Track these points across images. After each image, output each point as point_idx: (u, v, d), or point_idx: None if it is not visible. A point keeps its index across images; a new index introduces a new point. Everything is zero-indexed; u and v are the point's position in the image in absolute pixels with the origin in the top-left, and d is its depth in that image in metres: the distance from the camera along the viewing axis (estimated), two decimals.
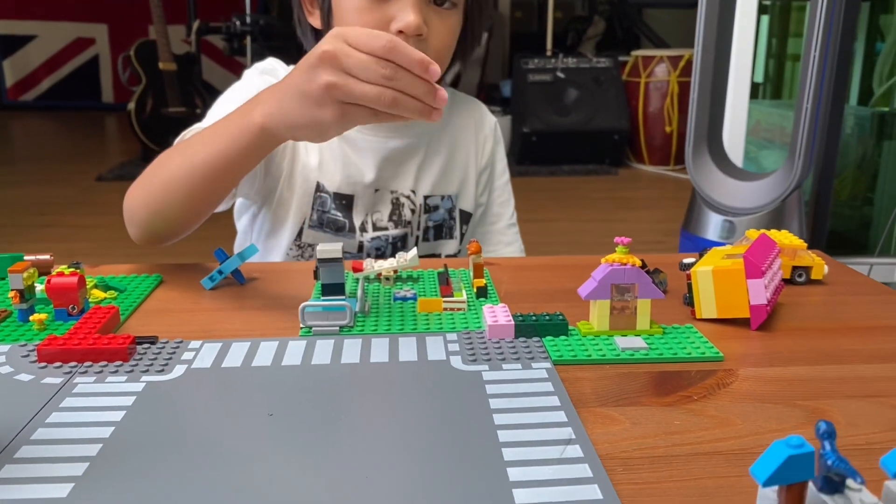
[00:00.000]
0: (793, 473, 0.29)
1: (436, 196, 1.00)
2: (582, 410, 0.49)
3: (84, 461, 0.43)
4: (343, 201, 0.96)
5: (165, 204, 0.77)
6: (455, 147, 1.02)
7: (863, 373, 0.55)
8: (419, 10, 0.84)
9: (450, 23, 0.89)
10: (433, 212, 1.00)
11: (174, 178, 0.75)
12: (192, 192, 0.75)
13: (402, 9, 0.84)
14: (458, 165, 1.03)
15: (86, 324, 0.60)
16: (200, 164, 0.73)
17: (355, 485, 0.40)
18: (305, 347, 0.59)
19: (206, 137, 0.74)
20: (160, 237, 0.81)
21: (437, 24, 0.87)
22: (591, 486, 0.40)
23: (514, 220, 1.10)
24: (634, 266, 0.59)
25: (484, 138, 1.06)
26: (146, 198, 0.78)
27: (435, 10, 0.87)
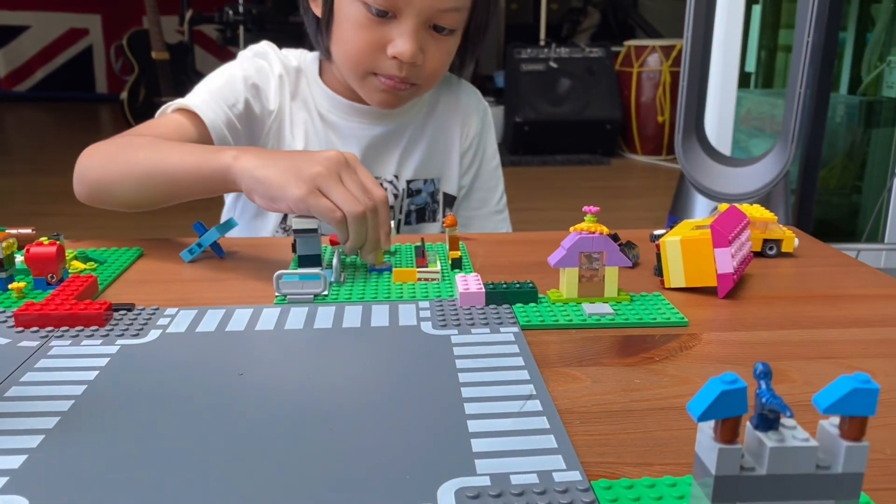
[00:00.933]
0: (727, 408, 0.30)
1: (418, 180, 1.01)
2: (545, 370, 0.50)
3: (55, 416, 0.44)
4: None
5: (118, 185, 0.80)
6: (439, 131, 1.03)
7: (824, 337, 0.57)
8: (416, 38, 0.85)
9: (446, 47, 0.90)
10: (415, 196, 1.01)
11: (135, 167, 0.78)
12: (146, 188, 0.78)
13: (400, 34, 0.85)
14: (441, 149, 1.03)
15: (63, 291, 0.61)
16: (163, 168, 0.77)
17: (321, 438, 0.41)
18: (279, 314, 0.60)
19: (180, 148, 0.77)
20: (102, 204, 0.83)
21: (433, 49, 0.88)
22: (548, 436, 0.41)
23: (501, 207, 1.10)
24: (602, 234, 0.61)
25: (469, 121, 1.06)
26: (102, 169, 0.81)
27: (432, 36, 0.87)
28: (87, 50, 6.45)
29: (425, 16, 0.85)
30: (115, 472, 0.38)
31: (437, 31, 0.87)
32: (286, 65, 0.97)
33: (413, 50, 0.84)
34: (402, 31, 0.84)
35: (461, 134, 1.05)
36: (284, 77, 0.95)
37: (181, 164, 0.75)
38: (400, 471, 0.38)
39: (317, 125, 0.96)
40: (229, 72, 0.94)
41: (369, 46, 0.86)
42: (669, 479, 0.37)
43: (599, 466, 0.39)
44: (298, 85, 0.97)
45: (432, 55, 0.88)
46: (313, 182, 0.66)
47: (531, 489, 0.36)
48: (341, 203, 0.66)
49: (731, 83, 2.55)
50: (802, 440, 0.31)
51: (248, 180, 0.69)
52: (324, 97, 0.97)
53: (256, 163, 0.69)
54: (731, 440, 0.31)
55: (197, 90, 0.92)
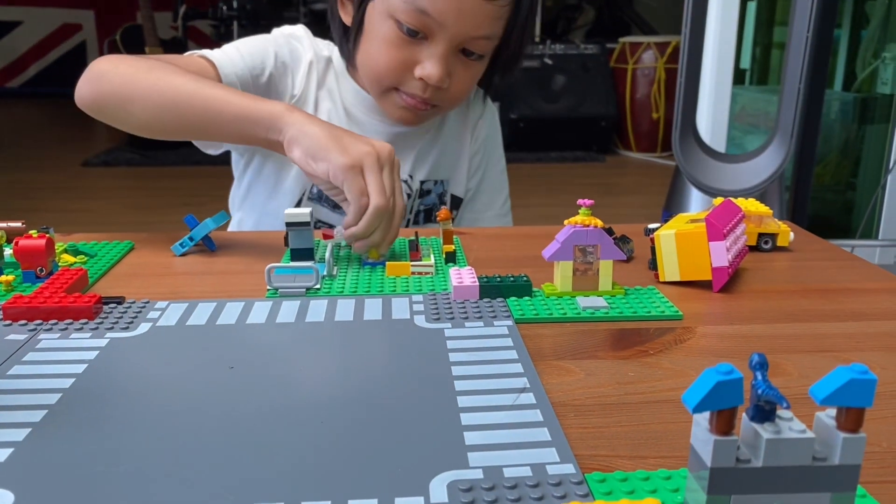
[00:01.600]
0: (722, 399, 0.30)
1: (430, 181, 1.01)
2: (539, 364, 0.49)
3: (42, 409, 0.43)
4: None
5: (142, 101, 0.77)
6: (451, 134, 1.03)
7: (819, 330, 0.56)
8: (446, 62, 0.84)
9: (473, 72, 0.89)
10: (426, 196, 1.01)
11: (169, 89, 0.76)
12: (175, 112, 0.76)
13: (429, 57, 0.84)
14: (453, 151, 1.03)
15: (52, 284, 0.60)
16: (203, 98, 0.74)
17: (312, 431, 0.41)
18: (271, 307, 0.59)
19: (223, 87, 0.76)
20: (109, 115, 0.81)
21: (461, 73, 0.87)
22: (541, 429, 0.41)
23: (505, 210, 1.10)
24: (597, 227, 0.60)
25: (479, 125, 1.06)
26: (126, 78, 0.78)
27: (461, 60, 0.87)
28: (81, 45, 6.42)
29: (457, 41, 0.84)
30: (102, 465, 0.38)
31: (466, 56, 0.86)
32: (318, 53, 0.96)
33: (441, 74, 0.84)
34: (431, 53, 0.84)
35: (472, 137, 1.05)
36: (314, 64, 0.94)
37: (226, 99, 0.74)
38: (392, 464, 0.38)
39: (341, 117, 0.96)
40: (264, 42, 0.92)
41: (397, 65, 0.86)
42: (664, 472, 0.37)
43: (593, 459, 0.39)
44: (326, 75, 0.96)
45: (458, 79, 0.88)
46: (360, 159, 0.66)
47: (524, 482, 0.36)
48: (373, 191, 0.66)
49: (727, 80, 2.55)
50: (799, 432, 0.30)
51: (295, 132, 0.69)
52: (350, 91, 0.96)
53: (309, 119, 0.70)
54: (726, 432, 0.30)
55: (227, 47, 0.90)
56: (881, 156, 2.46)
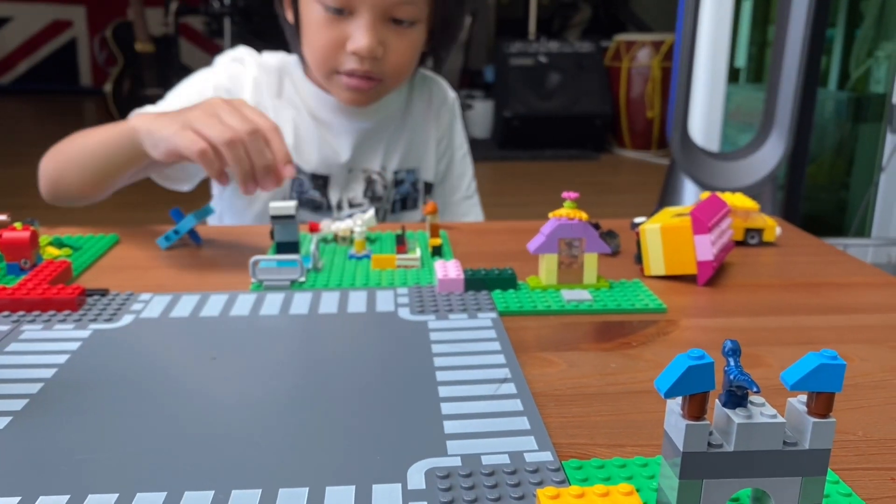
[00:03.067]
0: (693, 384, 0.30)
1: (402, 171, 1.02)
2: (522, 355, 0.50)
3: (24, 398, 0.43)
4: (320, 181, 0.97)
5: (64, 175, 0.83)
6: (416, 123, 1.04)
7: (802, 323, 0.57)
8: (374, 31, 0.85)
9: (409, 39, 0.89)
10: (400, 185, 1.02)
11: (72, 155, 0.83)
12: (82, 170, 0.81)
13: (357, 29, 0.85)
14: (420, 139, 1.04)
15: (36, 276, 0.60)
16: (90, 148, 0.80)
17: (292, 420, 0.41)
18: (255, 300, 0.59)
19: (102, 127, 0.80)
20: (59, 198, 0.86)
21: (395, 42, 0.88)
22: (521, 418, 0.41)
23: (471, 192, 1.11)
24: (581, 220, 0.60)
25: (441, 112, 1.07)
26: (52, 164, 0.85)
27: (393, 29, 0.87)
28: (71, 42, 6.39)
29: (380, 9, 0.85)
30: (82, 452, 0.38)
31: (397, 24, 0.87)
32: (265, 67, 0.97)
33: (370, 43, 0.85)
34: (359, 25, 0.85)
35: (436, 123, 1.06)
36: (261, 79, 0.96)
37: (100, 139, 0.79)
38: (370, 451, 0.38)
39: (307, 122, 0.96)
40: (202, 79, 0.95)
41: (330, 44, 0.87)
42: (640, 460, 0.37)
43: (571, 447, 0.39)
44: (282, 85, 0.98)
45: (394, 48, 0.88)
46: (187, 123, 0.66)
47: (501, 469, 0.36)
48: (210, 135, 0.65)
49: (721, 78, 2.55)
50: (770, 417, 0.30)
51: (143, 135, 0.71)
52: (312, 96, 0.97)
53: (152, 118, 0.71)
54: (698, 417, 0.30)
55: (169, 97, 0.93)
56: (874, 155, 2.47)
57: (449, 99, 1.08)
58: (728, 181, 2.13)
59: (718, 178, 2.14)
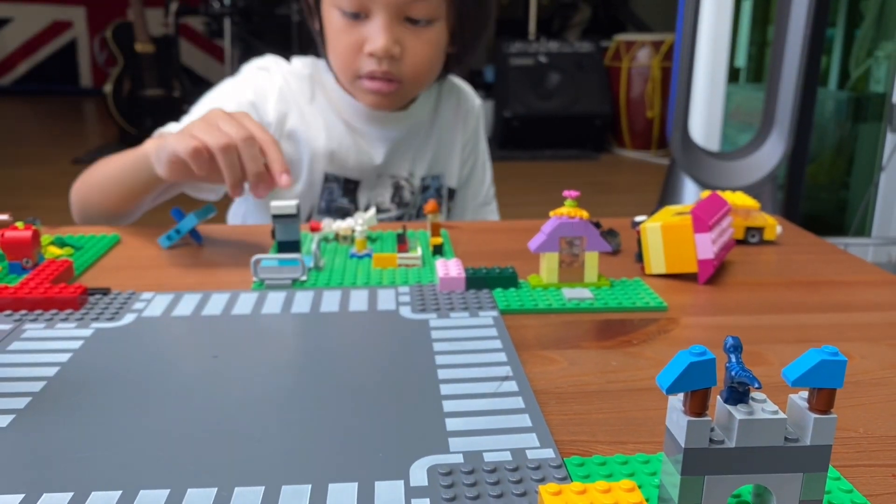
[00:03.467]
0: (695, 380, 0.30)
1: (428, 177, 1.03)
2: (523, 353, 0.50)
3: (27, 396, 0.43)
4: (351, 185, 0.98)
5: (89, 200, 0.86)
6: (444, 130, 1.04)
7: (802, 321, 0.57)
8: (390, 31, 0.85)
9: (427, 38, 0.89)
10: (426, 191, 1.03)
11: (97, 181, 0.85)
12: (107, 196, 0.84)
13: (373, 30, 0.86)
14: (446, 146, 1.05)
15: (38, 275, 0.60)
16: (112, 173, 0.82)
17: (294, 418, 0.41)
18: (256, 299, 0.59)
19: (122, 154, 0.82)
20: (89, 220, 0.88)
21: (412, 42, 0.88)
22: (523, 415, 0.41)
23: (489, 198, 1.13)
24: (582, 219, 0.60)
25: (468, 117, 1.08)
26: (80, 189, 0.87)
27: (410, 29, 0.88)
28: (71, 43, 6.39)
29: (394, 9, 0.85)
30: (84, 451, 0.38)
31: (414, 24, 0.87)
32: (295, 74, 0.97)
33: (385, 43, 0.85)
34: (374, 27, 0.86)
35: (462, 132, 1.07)
36: (290, 86, 0.96)
37: (119, 165, 0.81)
38: (372, 449, 0.38)
39: (340, 129, 0.97)
40: (226, 92, 0.95)
41: (350, 49, 0.88)
42: (642, 457, 0.37)
43: (573, 445, 0.39)
44: (314, 91, 0.98)
45: (411, 47, 0.88)
46: (188, 131, 0.68)
47: (503, 466, 0.36)
48: (206, 139, 0.66)
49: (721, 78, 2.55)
50: (771, 413, 0.31)
51: (152, 155, 0.72)
52: (344, 103, 0.97)
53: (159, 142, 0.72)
54: (700, 413, 0.30)
55: (193, 111, 0.92)
56: (874, 154, 2.47)
57: (476, 106, 1.09)
58: (728, 181, 2.13)
59: (718, 177, 2.15)
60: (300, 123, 0.95)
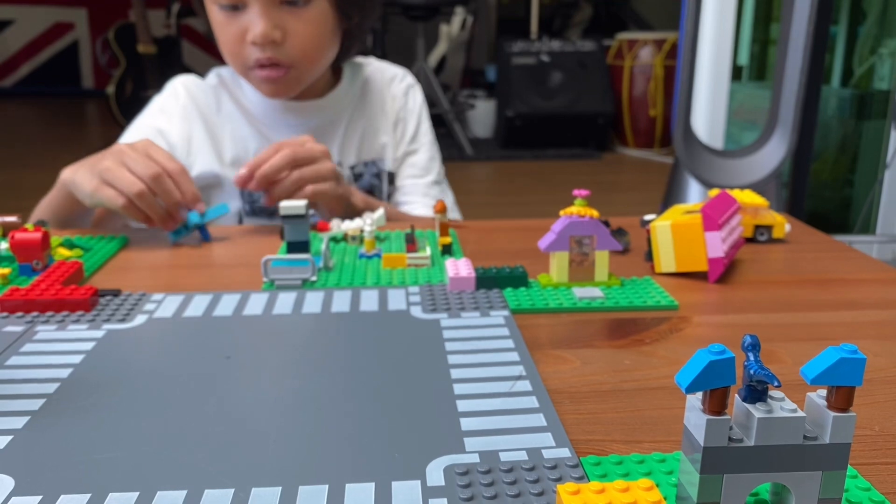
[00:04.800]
0: (715, 379, 0.30)
1: (360, 164, 1.02)
2: (535, 353, 0.50)
3: (41, 398, 0.44)
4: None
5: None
6: (371, 114, 1.04)
7: (814, 319, 0.57)
8: (268, 17, 0.86)
9: (308, 18, 0.89)
10: (360, 179, 1.02)
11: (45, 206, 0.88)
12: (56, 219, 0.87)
13: (252, 19, 0.86)
14: (375, 130, 1.04)
15: (49, 277, 0.60)
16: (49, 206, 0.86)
17: (308, 419, 0.41)
18: (267, 299, 0.59)
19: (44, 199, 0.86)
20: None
21: (294, 25, 0.88)
22: (537, 415, 0.41)
23: (439, 178, 1.08)
24: (593, 218, 0.60)
25: (393, 98, 1.06)
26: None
27: (289, 11, 0.88)
28: (73, 45, 6.39)
29: None
30: (100, 451, 0.38)
31: (292, 5, 0.88)
32: (202, 88, 1.00)
33: (264, 29, 0.86)
34: (253, 15, 0.86)
35: (389, 111, 1.06)
36: (196, 103, 0.99)
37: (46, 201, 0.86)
38: (388, 449, 0.38)
39: (247, 131, 0.98)
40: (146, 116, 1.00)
41: (233, 40, 0.89)
42: (659, 456, 0.37)
43: (588, 444, 0.39)
44: (220, 101, 0.99)
45: (293, 30, 0.88)
46: (101, 176, 0.72)
47: (520, 465, 0.36)
48: (123, 188, 0.71)
49: (724, 76, 2.55)
50: (790, 411, 0.30)
51: (70, 187, 0.77)
52: (257, 101, 0.99)
53: (73, 171, 0.77)
54: (719, 412, 0.30)
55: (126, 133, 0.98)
56: (878, 151, 2.47)
57: (406, 86, 1.07)
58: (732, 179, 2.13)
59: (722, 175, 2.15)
60: (206, 137, 0.97)
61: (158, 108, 1.00)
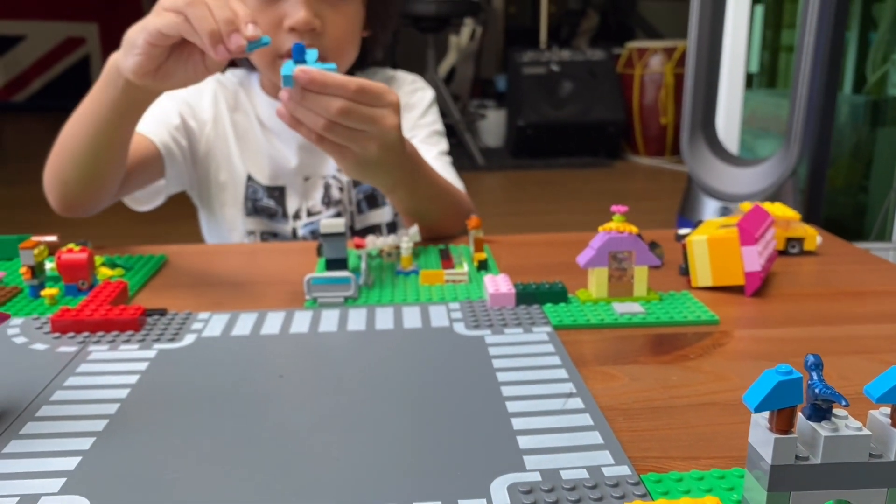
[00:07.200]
0: (782, 399, 0.31)
1: None
2: (582, 369, 0.50)
3: (103, 419, 0.44)
4: (276, 192, 0.99)
5: (63, 168, 0.81)
6: None
7: (853, 332, 0.57)
8: (309, 5, 0.86)
9: (346, 12, 0.90)
10: (359, 184, 1.01)
11: (65, 142, 0.80)
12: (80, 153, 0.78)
13: (292, 6, 0.86)
14: None
15: (97, 297, 0.61)
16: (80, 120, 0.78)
17: (370, 436, 0.42)
18: (312, 317, 0.60)
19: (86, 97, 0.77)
20: (71, 205, 0.84)
21: (332, 16, 0.89)
22: (593, 432, 0.42)
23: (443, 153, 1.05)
24: (631, 234, 0.61)
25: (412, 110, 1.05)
26: (51, 166, 0.83)
27: (328, 2, 0.88)
28: (85, 59, 6.45)
29: None
30: (168, 472, 0.39)
31: None
32: (223, 83, 1.01)
33: (306, 16, 0.85)
34: (292, 3, 0.86)
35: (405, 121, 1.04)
36: (218, 91, 1.00)
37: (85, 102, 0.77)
38: (450, 467, 0.39)
39: (256, 131, 0.99)
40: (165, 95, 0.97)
41: (268, 27, 0.87)
42: (718, 472, 0.38)
43: (646, 461, 0.40)
44: (238, 98, 1.01)
45: (332, 22, 0.89)
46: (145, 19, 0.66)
47: (582, 484, 0.37)
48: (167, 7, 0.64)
49: (738, 83, 2.56)
50: (855, 429, 0.31)
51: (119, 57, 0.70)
52: (264, 104, 1.00)
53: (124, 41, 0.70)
54: (786, 430, 0.31)
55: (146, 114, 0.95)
56: (893, 158, 2.47)
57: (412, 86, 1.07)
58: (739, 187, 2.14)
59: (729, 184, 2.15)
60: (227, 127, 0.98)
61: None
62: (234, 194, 0.99)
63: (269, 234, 1.00)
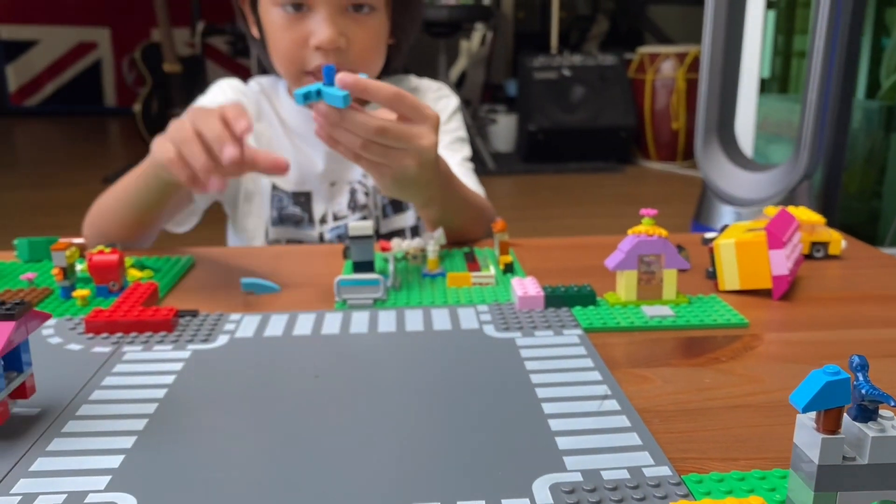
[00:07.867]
0: (830, 399, 0.31)
1: None
2: (615, 372, 0.51)
3: (143, 418, 0.45)
4: (301, 198, 0.99)
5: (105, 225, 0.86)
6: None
7: (882, 336, 0.57)
8: (334, 23, 0.86)
9: (370, 26, 0.91)
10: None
11: (108, 202, 0.86)
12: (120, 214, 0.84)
13: (318, 23, 0.86)
14: None
15: (129, 298, 0.62)
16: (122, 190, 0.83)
17: (410, 436, 0.42)
18: (343, 318, 0.61)
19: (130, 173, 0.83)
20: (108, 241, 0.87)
21: (357, 32, 0.89)
22: (631, 434, 0.42)
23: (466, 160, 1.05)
24: (661, 237, 0.61)
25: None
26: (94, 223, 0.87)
27: (353, 18, 0.89)
28: (97, 63, 6.49)
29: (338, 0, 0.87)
30: (211, 471, 0.39)
31: (357, 11, 0.89)
32: (245, 93, 1.01)
33: (332, 34, 0.86)
34: (319, 19, 0.86)
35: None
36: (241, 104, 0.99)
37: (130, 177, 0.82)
38: (490, 466, 0.39)
39: (281, 138, 1.00)
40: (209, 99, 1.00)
41: (294, 44, 0.88)
42: (758, 473, 0.38)
43: (686, 462, 0.40)
44: (260, 107, 1.01)
45: (357, 37, 0.89)
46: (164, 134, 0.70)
47: (624, 484, 0.37)
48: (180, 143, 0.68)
49: (752, 88, 2.56)
50: None
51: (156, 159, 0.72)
52: (291, 110, 1.00)
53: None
54: (833, 431, 0.31)
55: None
56: None
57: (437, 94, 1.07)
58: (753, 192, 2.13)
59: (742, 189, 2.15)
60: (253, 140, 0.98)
61: (207, 101, 0.99)
62: (258, 205, 1.00)
63: (295, 243, 1.00)
